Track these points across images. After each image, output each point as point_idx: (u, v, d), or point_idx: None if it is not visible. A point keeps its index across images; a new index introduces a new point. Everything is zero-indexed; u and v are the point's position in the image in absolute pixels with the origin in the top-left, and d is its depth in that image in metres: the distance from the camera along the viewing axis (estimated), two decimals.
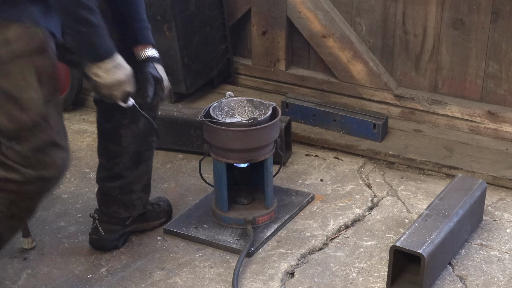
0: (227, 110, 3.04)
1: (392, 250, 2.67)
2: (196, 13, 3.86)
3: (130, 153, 2.84)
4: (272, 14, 3.98)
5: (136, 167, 2.88)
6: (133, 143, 2.82)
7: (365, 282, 2.80)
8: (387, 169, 3.54)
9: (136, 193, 2.92)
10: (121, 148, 2.82)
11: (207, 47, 3.99)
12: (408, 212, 3.21)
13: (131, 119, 2.77)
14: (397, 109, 3.86)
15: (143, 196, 2.96)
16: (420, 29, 3.72)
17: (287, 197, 3.27)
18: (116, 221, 2.94)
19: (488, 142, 3.64)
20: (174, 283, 2.80)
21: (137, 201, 2.94)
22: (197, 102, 4.02)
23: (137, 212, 2.97)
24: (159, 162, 3.61)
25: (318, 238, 3.04)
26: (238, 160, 2.97)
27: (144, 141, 2.85)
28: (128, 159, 2.84)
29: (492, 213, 3.19)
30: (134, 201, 2.93)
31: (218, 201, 3.09)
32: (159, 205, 3.11)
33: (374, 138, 3.66)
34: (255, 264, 2.89)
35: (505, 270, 2.85)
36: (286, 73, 4.09)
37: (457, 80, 3.74)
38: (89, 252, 2.96)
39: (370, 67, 3.84)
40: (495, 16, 3.53)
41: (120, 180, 2.88)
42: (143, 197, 2.96)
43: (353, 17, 3.86)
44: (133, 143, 2.82)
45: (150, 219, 3.06)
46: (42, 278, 2.83)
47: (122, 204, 2.91)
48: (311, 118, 3.81)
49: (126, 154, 2.84)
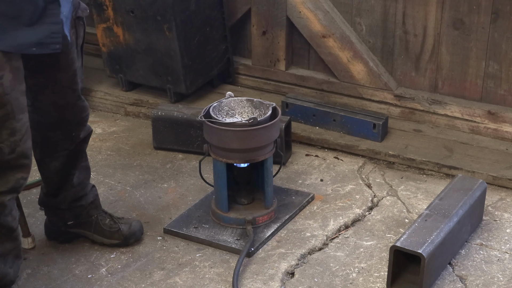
0: (227, 110, 3.04)
1: (392, 250, 2.67)
2: (196, 13, 3.86)
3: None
4: (272, 14, 3.98)
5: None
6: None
7: (365, 282, 2.80)
8: (387, 169, 3.54)
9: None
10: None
11: (207, 47, 3.99)
12: (408, 212, 3.21)
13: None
14: (397, 109, 3.86)
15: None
16: (420, 29, 3.72)
17: (287, 197, 3.27)
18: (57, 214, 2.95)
19: (488, 142, 3.63)
20: (174, 283, 2.80)
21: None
22: (197, 102, 4.02)
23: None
24: (159, 162, 3.61)
25: (318, 238, 3.04)
26: (238, 160, 2.97)
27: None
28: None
29: (492, 213, 3.19)
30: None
31: (218, 201, 3.08)
32: (119, 225, 2.96)
33: (374, 138, 3.66)
34: (255, 264, 2.89)
35: (505, 270, 2.85)
36: (286, 73, 4.09)
37: (457, 80, 3.74)
38: (89, 252, 2.96)
39: (370, 67, 3.84)
40: (495, 16, 3.53)
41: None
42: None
43: (353, 17, 3.86)
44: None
45: (97, 231, 2.96)
46: (42, 278, 2.83)
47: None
48: (311, 118, 3.80)
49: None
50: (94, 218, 2.94)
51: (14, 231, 2.52)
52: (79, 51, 2.65)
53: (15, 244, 2.55)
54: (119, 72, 4.05)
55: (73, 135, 2.76)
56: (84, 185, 2.91)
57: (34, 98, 2.63)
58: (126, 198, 3.32)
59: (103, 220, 2.96)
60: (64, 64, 2.58)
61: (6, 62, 2.31)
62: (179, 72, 3.89)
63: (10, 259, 2.56)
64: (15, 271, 2.60)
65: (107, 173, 3.50)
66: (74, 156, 2.82)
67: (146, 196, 3.34)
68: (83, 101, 2.73)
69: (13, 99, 2.34)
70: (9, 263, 2.55)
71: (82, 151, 2.86)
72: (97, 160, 3.61)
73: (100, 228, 2.95)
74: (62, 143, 2.77)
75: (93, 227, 2.95)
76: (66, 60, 2.57)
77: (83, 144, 2.84)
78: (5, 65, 2.31)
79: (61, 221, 2.95)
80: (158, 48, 3.87)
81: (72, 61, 2.60)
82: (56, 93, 2.64)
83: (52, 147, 2.77)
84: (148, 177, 3.48)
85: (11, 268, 2.57)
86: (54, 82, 2.61)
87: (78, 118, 2.74)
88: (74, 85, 2.65)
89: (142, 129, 3.93)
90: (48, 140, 2.75)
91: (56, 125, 2.72)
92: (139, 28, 3.85)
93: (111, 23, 3.90)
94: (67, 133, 2.75)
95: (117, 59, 4.02)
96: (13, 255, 2.56)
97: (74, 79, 2.64)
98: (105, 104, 4.12)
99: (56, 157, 2.79)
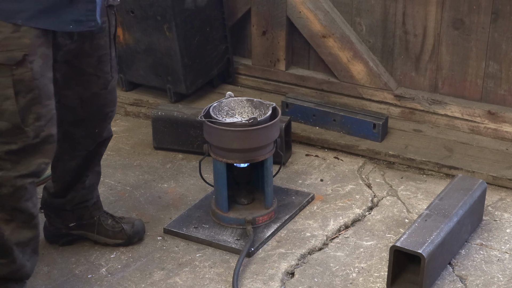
0: (227, 110, 3.04)
1: (392, 250, 2.67)
2: (196, 13, 3.86)
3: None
4: (272, 14, 3.98)
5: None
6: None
7: (365, 282, 2.80)
8: (387, 169, 3.54)
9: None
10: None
11: (207, 47, 3.99)
12: (408, 212, 3.21)
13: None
14: (397, 109, 3.86)
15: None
16: (420, 29, 3.72)
17: (287, 197, 3.27)
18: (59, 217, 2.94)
19: (488, 142, 3.63)
20: (174, 283, 2.80)
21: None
22: (197, 102, 4.02)
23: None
24: (159, 162, 3.61)
25: (318, 238, 3.04)
26: (238, 160, 2.97)
27: None
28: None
29: (492, 213, 3.19)
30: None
31: (218, 201, 3.09)
32: (121, 225, 2.98)
33: (374, 138, 3.66)
34: (255, 264, 2.89)
35: (505, 270, 2.85)
36: (286, 73, 4.09)
37: (457, 80, 3.74)
38: (89, 252, 2.96)
39: (370, 67, 3.84)
40: (495, 16, 3.53)
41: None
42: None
43: (353, 17, 3.86)
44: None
45: (100, 232, 2.96)
46: (42, 278, 2.83)
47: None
48: (311, 118, 3.81)
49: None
50: (96, 219, 2.95)
51: (34, 218, 2.51)
52: (112, 39, 2.66)
53: (34, 233, 2.54)
54: (119, 72, 4.05)
55: (96, 132, 2.76)
56: (93, 189, 2.93)
57: (60, 95, 2.63)
58: (126, 198, 3.32)
59: (105, 220, 2.96)
60: (88, 49, 2.58)
61: (37, 47, 2.32)
62: (179, 72, 3.89)
63: (29, 252, 2.56)
64: (31, 266, 2.60)
65: (107, 173, 3.50)
66: (91, 158, 2.83)
67: (146, 196, 3.34)
68: (109, 93, 2.72)
69: (42, 85, 2.36)
70: (27, 256, 2.55)
71: (100, 154, 2.87)
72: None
73: (103, 228, 2.95)
74: (83, 141, 2.77)
75: (96, 228, 2.95)
76: (90, 45, 2.58)
77: (102, 147, 2.85)
78: (36, 50, 2.32)
79: (63, 223, 2.95)
80: (158, 48, 3.87)
81: (96, 47, 2.60)
82: (81, 83, 2.64)
83: (73, 145, 2.78)
84: (148, 177, 3.48)
85: (28, 261, 2.57)
86: (78, 70, 2.61)
87: (103, 113, 2.74)
88: (99, 72, 2.65)
89: (142, 129, 3.93)
90: (70, 137, 2.76)
91: (80, 122, 2.73)
92: (139, 28, 3.85)
93: None
94: (90, 130, 2.76)
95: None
96: (31, 248, 2.56)
97: (98, 66, 2.63)
98: None
99: (74, 156, 2.80)
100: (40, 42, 2.33)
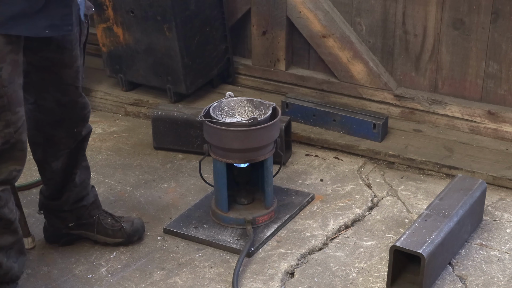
0: (227, 110, 3.04)
1: (392, 250, 2.67)
2: (196, 13, 3.86)
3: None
4: (272, 14, 3.98)
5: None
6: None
7: (365, 282, 2.80)
8: (387, 169, 3.54)
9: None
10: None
11: (207, 47, 3.99)
12: (408, 212, 3.21)
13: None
14: (397, 109, 3.86)
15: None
16: (420, 29, 3.72)
17: (287, 197, 3.27)
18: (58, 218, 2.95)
19: (488, 142, 3.63)
20: (174, 283, 2.80)
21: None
22: (197, 102, 4.02)
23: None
24: (159, 162, 3.61)
25: (318, 238, 3.04)
26: (238, 160, 2.97)
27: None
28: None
29: (492, 213, 3.19)
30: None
31: (218, 201, 3.08)
32: (121, 224, 2.98)
33: (374, 138, 3.66)
34: (255, 264, 2.89)
35: (505, 270, 2.85)
36: (286, 73, 4.09)
37: (457, 80, 3.74)
38: (89, 252, 2.96)
39: (370, 67, 3.84)
40: (495, 16, 3.53)
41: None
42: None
43: (353, 17, 3.86)
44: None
45: (100, 231, 2.96)
46: (42, 278, 2.83)
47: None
48: (311, 118, 3.80)
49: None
50: (95, 218, 2.95)
51: (12, 223, 2.52)
52: (81, 48, 2.67)
53: (15, 237, 2.55)
54: (119, 72, 4.05)
55: (75, 132, 2.77)
56: (86, 185, 2.92)
57: (37, 96, 2.64)
58: (126, 198, 3.32)
59: (105, 219, 2.96)
60: (68, 61, 2.60)
61: (6, 54, 2.32)
62: (179, 72, 3.89)
63: (13, 254, 2.56)
64: (19, 266, 2.60)
65: (107, 173, 3.50)
66: (75, 154, 2.83)
67: (146, 196, 3.34)
68: (84, 98, 2.75)
69: (11, 92, 2.35)
70: (13, 258, 2.55)
71: (83, 149, 2.86)
72: (97, 160, 3.61)
73: (103, 227, 2.95)
74: (64, 141, 2.78)
75: (95, 227, 2.95)
76: (70, 56, 2.60)
77: (84, 143, 2.85)
78: (5, 57, 2.32)
79: (62, 223, 2.95)
80: (158, 48, 3.87)
81: (75, 58, 2.62)
82: (60, 90, 2.66)
83: (55, 147, 2.78)
84: (148, 177, 3.48)
85: (15, 263, 2.57)
86: (57, 78, 2.63)
87: (81, 115, 2.76)
88: (77, 82, 2.67)
89: (142, 129, 3.93)
90: (51, 140, 2.76)
91: (59, 123, 2.73)
92: (139, 28, 3.85)
93: (111, 23, 3.91)
94: (70, 130, 2.76)
95: (117, 59, 4.02)
96: (16, 249, 2.56)
97: (77, 76, 2.66)
98: (105, 104, 4.12)
99: (58, 156, 2.80)
100: (9, 49, 2.33)
